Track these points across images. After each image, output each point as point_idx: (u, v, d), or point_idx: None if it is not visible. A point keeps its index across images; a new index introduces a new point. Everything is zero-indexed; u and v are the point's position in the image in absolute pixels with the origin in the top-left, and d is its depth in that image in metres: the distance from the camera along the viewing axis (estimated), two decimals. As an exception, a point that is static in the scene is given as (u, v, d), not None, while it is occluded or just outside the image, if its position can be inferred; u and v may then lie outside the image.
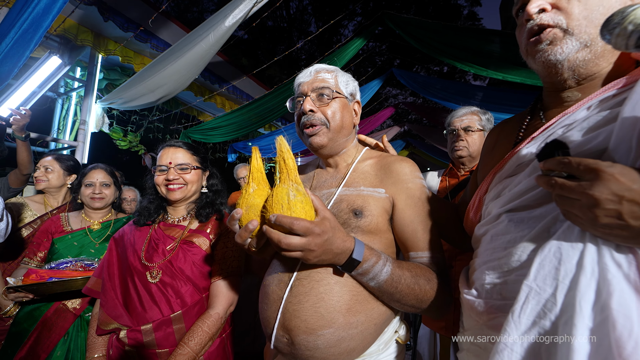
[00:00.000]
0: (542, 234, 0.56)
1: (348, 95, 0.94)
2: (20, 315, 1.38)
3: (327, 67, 0.95)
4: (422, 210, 0.84)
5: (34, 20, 1.73)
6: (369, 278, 0.72)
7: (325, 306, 0.74)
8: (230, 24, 2.24)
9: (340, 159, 0.96)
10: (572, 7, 0.59)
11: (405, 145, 7.45)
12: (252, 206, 0.70)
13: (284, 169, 0.69)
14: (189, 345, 1.06)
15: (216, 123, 4.21)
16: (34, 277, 1.30)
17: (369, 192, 0.86)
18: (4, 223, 1.38)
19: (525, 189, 0.61)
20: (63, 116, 3.69)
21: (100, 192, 1.59)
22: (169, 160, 1.23)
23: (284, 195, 0.65)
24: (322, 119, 0.88)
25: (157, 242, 1.21)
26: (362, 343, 0.76)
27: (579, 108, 0.59)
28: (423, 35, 2.86)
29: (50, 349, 1.31)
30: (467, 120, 1.52)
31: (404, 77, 3.98)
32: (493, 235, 0.65)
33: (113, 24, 3.09)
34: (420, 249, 0.82)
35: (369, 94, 4.27)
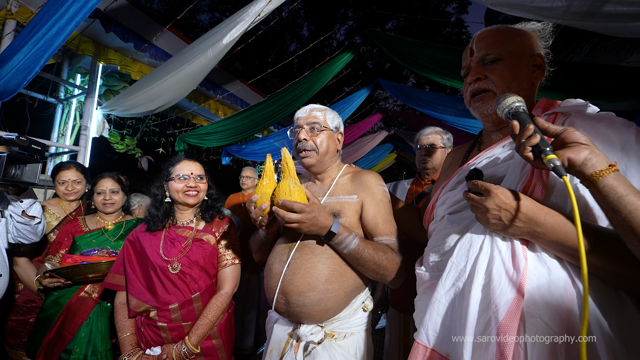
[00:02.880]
0: (464, 229, 0.84)
1: (333, 129, 1.27)
2: (46, 303, 1.59)
3: (318, 107, 1.28)
4: (382, 208, 1.16)
5: (47, 41, 1.91)
6: (343, 247, 1.04)
7: (310, 277, 1.07)
8: (227, 42, 2.46)
9: (326, 175, 1.28)
10: (496, 77, 0.85)
11: (393, 148, 7.75)
12: (265, 194, 1.02)
13: (287, 169, 1.02)
14: (208, 317, 1.36)
15: (212, 128, 4.39)
16: (70, 261, 1.54)
17: (346, 199, 1.18)
18: (42, 224, 1.60)
19: (459, 199, 0.88)
20: (64, 121, 3.83)
21: (110, 198, 1.81)
22: (190, 171, 1.49)
23: (287, 186, 0.97)
24: (312, 146, 1.21)
25: (173, 241, 1.45)
26: (335, 305, 1.08)
27: (497, 146, 0.87)
28: (404, 52, 3.12)
29: (75, 331, 1.52)
30: (431, 139, 1.84)
31: (389, 88, 4.24)
32: (437, 229, 0.92)
33: (114, 34, 3.26)
34: (380, 234, 1.14)
35: (356, 102, 4.52)
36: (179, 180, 1.46)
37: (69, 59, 3.84)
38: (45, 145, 1.47)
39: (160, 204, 1.50)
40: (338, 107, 4.50)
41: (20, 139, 1.39)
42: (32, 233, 1.59)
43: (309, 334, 1.08)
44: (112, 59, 3.53)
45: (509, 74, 0.84)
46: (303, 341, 1.10)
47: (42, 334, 1.52)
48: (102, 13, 3.13)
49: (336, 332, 1.10)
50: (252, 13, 2.40)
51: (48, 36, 1.94)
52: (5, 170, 1.30)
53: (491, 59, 0.86)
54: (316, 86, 3.70)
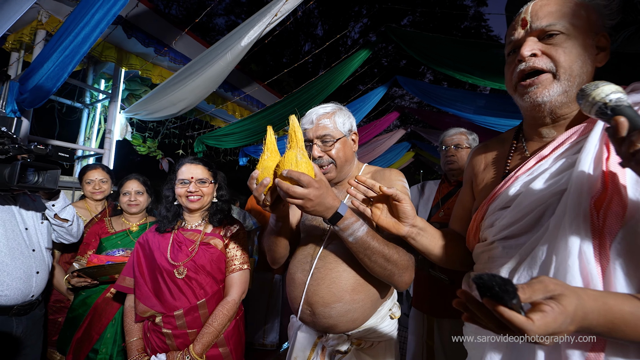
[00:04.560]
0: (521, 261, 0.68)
1: (346, 132, 1.14)
2: (75, 303, 1.64)
3: (325, 112, 1.14)
4: None
5: (75, 47, 1.98)
6: (349, 233, 0.88)
7: (336, 287, 1.02)
8: (245, 44, 2.46)
9: (346, 181, 1.19)
10: (560, 56, 0.69)
11: (411, 147, 7.58)
12: (267, 168, 0.89)
13: (294, 139, 0.88)
14: (213, 325, 1.31)
15: (229, 130, 4.44)
16: (96, 261, 1.59)
17: None
18: (75, 225, 1.68)
19: (512, 222, 0.71)
20: (89, 125, 3.98)
21: (135, 199, 1.85)
22: (190, 175, 1.44)
23: (293, 157, 0.84)
24: (329, 160, 1.11)
25: (180, 244, 1.43)
26: (362, 315, 1.04)
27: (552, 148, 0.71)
28: (423, 48, 3.03)
29: (101, 331, 1.56)
30: (457, 139, 1.80)
31: (407, 85, 4.14)
32: (490, 257, 0.77)
33: (135, 40, 3.36)
34: None
35: (374, 100, 4.44)
36: (181, 185, 1.44)
37: (94, 65, 3.99)
38: (73, 152, 1.52)
39: (170, 205, 1.49)
40: (354, 106, 4.44)
41: (38, 148, 1.44)
42: (68, 234, 1.69)
43: (336, 344, 1.05)
44: (133, 64, 3.63)
45: (574, 52, 0.68)
46: (329, 350, 1.07)
47: (72, 333, 1.58)
48: (124, 19, 3.22)
49: (363, 341, 1.06)
50: (269, 14, 2.39)
51: (75, 43, 2.01)
52: (21, 177, 1.34)
53: (553, 31, 0.69)
54: (332, 85, 3.66)
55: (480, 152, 0.97)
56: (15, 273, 1.42)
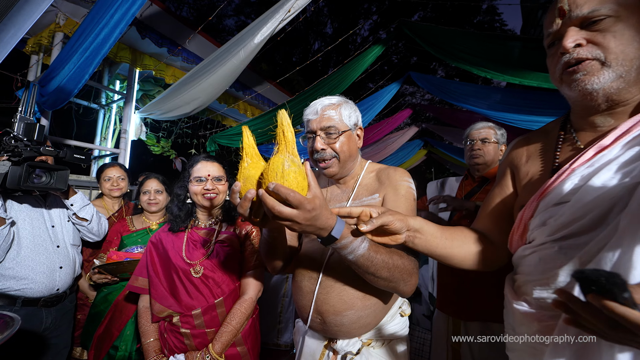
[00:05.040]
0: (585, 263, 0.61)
1: (352, 126, 1.07)
2: (97, 299, 1.67)
3: (331, 103, 1.06)
4: (403, 203, 0.99)
5: (95, 49, 2.01)
6: (347, 252, 0.78)
7: (347, 294, 0.98)
8: (259, 40, 2.45)
9: (349, 177, 1.13)
10: (609, 42, 0.62)
11: (424, 144, 7.47)
12: (249, 177, 0.74)
13: (283, 141, 0.71)
14: (232, 324, 1.29)
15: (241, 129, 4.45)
16: (115, 258, 1.61)
17: (368, 201, 1.05)
18: (95, 224, 1.73)
19: (571, 220, 0.64)
20: (105, 126, 4.06)
21: (155, 198, 1.86)
22: (207, 172, 1.42)
23: (279, 165, 0.67)
24: (332, 154, 1.04)
25: (195, 243, 1.41)
26: (375, 319, 1.01)
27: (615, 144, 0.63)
28: (440, 42, 2.95)
29: (121, 328, 1.57)
30: (484, 133, 1.72)
31: (421, 80, 4.06)
32: (542, 258, 0.68)
33: (149, 40, 3.40)
34: None
35: (386, 98, 4.38)
36: (196, 183, 1.41)
37: (109, 67, 4.06)
38: (89, 153, 1.56)
39: (182, 204, 1.47)
40: (367, 104, 4.39)
41: (47, 150, 1.50)
42: (90, 232, 1.76)
43: (346, 345, 1.02)
44: (147, 64, 3.68)
45: (627, 34, 0.62)
46: (340, 354, 1.04)
47: (94, 329, 1.60)
48: (138, 20, 3.26)
49: (373, 341, 1.04)
50: (282, 10, 2.37)
51: (94, 45, 2.03)
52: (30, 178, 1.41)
53: (597, 17, 0.63)
54: (345, 82, 3.62)
55: (522, 144, 0.89)
56: (39, 268, 1.51)
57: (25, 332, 1.50)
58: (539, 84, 2.72)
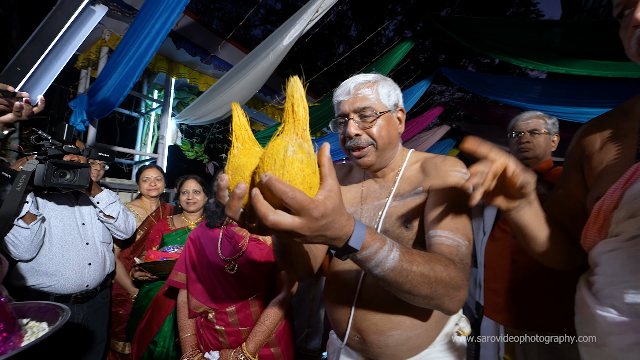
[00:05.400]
0: None
1: (391, 107, 0.89)
2: (140, 295, 1.75)
3: (366, 80, 0.89)
4: (453, 197, 0.77)
5: (138, 58, 2.13)
6: (372, 265, 0.58)
7: (393, 309, 0.81)
8: (287, 42, 2.47)
9: (388, 169, 0.95)
10: None
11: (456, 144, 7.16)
12: (239, 167, 0.53)
13: (291, 119, 0.52)
14: (265, 324, 1.27)
15: (269, 132, 4.54)
16: (153, 257, 1.68)
17: (411, 198, 0.86)
18: (122, 221, 1.78)
19: None
20: (145, 132, 4.32)
21: (193, 197, 1.94)
22: None
23: (280, 149, 0.48)
24: (368, 140, 0.87)
25: (230, 240, 1.43)
26: (427, 339, 0.84)
27: None
28: (474, 34, 2.81)
29: (160, 324, 1.63)
30: (532, 124, 1.57)
31: (453, 75, 3.90)
32: (632, 255, 0.60)
33: (183, 50, 3.57)
34: (440, 227, 0.73)
35: (416, 95, 4.25)
36: None
37: (147, 77, 4.33)
38: (114, 152, 1.63)
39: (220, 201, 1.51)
40: (395, 103, 4.29)
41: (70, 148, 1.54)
42: (117, 230, 1.80)
43: None
44: (182, 72, 3.87)
45: None
46: None
47: (136, 324, 1.67)
48: (173, 31, 3.45)
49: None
50: (310, 11, 2.38)
51: (137, 55, 2.16)
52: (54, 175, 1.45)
53: None
54: (373, 82, 3.55)
55: (594, 130, 0.78)
56: (68, 264, 1.55)
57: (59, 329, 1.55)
58: (589, 72, 2.49)
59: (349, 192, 1.02)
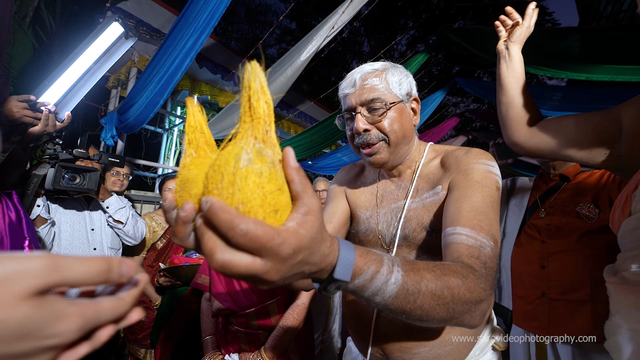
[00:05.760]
0: None
1: (404, 97, 0.79)
2: (164, 300, 1.79)
3: (374, 69, 0.79)
4: (477, 192, 0.67)
5: (168, 78, 2.27)
6: (369, 295, 0.45)
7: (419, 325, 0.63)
8: (305, 58, 2.58)
9: (404, 167, 0.85)
10: None
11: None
12: (187, 182, 0.40)
13: (247, 117, 0.37)
14: (284, 329, 1.28)
15: (285, 145, 4.64)
16: (176, 262, 1.74)
17: (431, 199, 0.77)
18: (130, 227, 1.82)
19: None
20: (168, 147, 4.53)
21: None
22: None
23: (230, 159, 0.34)
24: (379, 136, 0.77)
25: None
26: (458, 356, 0.75)
27: None
28: (488, 44, 2.83)
29: (183, 329, 1.66)
30: None
31: (469, 85, 3.89)
32: None
33: (206, 69, 3.78)
34: (460, 224, 0.62)
35: (431, 107, 4.26)
36: None
37: (172, 95, 4.59)
38: (123, 157, 1.73)
39: None
40: (410, 114, 4.31)
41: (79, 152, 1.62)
42: (126, 235, 1.84)
43: None
44: (204, 90, 4.08)
45: None
46: None
47: (160, 329, 1.71)
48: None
49: None
50: (327, 27, 2.48)
51: (167, 76, 2.30)
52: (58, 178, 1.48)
53: None
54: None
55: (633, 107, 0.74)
56: None
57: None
58: (611, 77, 2.43)
59: (362, 195, 0.93)
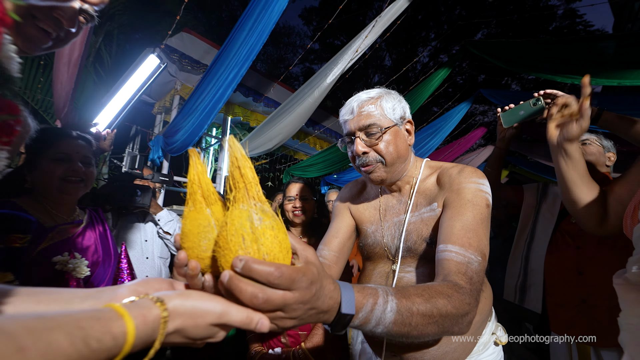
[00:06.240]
0: None
1: (397, 120, 0.88)
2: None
3: (369, 97, 0.89)
4: (468, 211, 0.75)
5: (212, 105, 2.55)
6: (373, 325, 0.53)
7: None
8: (330, 80, 2.76)
9: (402, 183, 0.94)
10: None
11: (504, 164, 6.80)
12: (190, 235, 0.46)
13: (241, 183, 0.45)
14: (322, 328, 1.40)
15: (312, 160, 4.82)
16: None
17: (428, 214, 0.85)
18: None
19: None
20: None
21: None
22: (295, 193, 1.67)
23: (244, 222, 0.42)
24: (376, 158, 0.86)
25: None
26: (464, 351, 0.85)
27: None
28: (512, 56, 2.85)
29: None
30: (584, 135, 1.58)
31: (494, 96, 3.87)
32: None
33: (239, 93, 4.10)
34: (451, 242, 0.71)
35: (456, 118, 4.26)
36: (287, 201, 1.68)
37: (207, 118, 5.00)
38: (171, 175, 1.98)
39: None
40: (434, 127, 4.34)
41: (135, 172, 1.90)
42: (173, 245, 2.10)
43: None
44: (237, 112, 4.41)
45: None
46: None
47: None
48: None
49: None
50: (351, 51, 2.66)
51: (211, 104, 2.58)
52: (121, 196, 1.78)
53: None
54: (411, 108, 3.69)
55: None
56: None
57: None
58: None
59: (367, 210, 1.02)
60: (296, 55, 17.45)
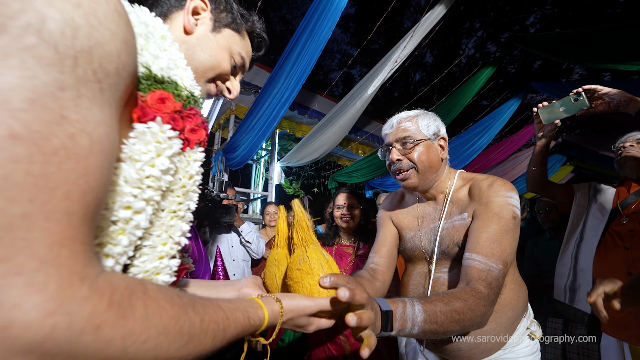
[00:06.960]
0: None
1: (431, 136, 1.00)
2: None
3: (408, 115, 1.03)
4: (494, 223, 0.84)
5: (269, 123, 2.89)
6: (410, 327, 0.67)
7: None
8: (371, 92, 2.91)
9: (436, 192, 1.05)
10: None
11: (567, 158, 6.19)
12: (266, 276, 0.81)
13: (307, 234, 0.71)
14: None
15: (356, 166, 4.97)
16: None
17: (459, 222, 0.95)
18: (255, 246, 2.44)
19: None
20: (257, 175, 5.35)
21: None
22: (343, 201, 1.85)
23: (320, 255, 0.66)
24: (409, 164, 0.98)
25: (341, 256, 1.80)
26: (497, 343, 0.92)
27: None
28: (565, 47, 2.70)
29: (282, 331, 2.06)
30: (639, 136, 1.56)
31: (548, 90, 3.64)
32: None
33: (285, 107, 4.45)
34: (475, 251, 0.82)
35: (506, 115, 4.07)
36: (337, 209, 1.86)
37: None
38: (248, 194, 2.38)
39: (330, 225, 1.93)
40: (482, 126, 4.19)
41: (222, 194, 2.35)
42: (252, 252, 2.52)
43: None
44: (284, 125, 4.76)
45: None
46: None
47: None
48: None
49: None
50: (390, 62, 2.79)
51: (267, 123, 2.93)
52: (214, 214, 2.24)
53: None
54: (455, 109, 3.65)
55: None
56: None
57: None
58: None
59: (406, 218, 1.15)
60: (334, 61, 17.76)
